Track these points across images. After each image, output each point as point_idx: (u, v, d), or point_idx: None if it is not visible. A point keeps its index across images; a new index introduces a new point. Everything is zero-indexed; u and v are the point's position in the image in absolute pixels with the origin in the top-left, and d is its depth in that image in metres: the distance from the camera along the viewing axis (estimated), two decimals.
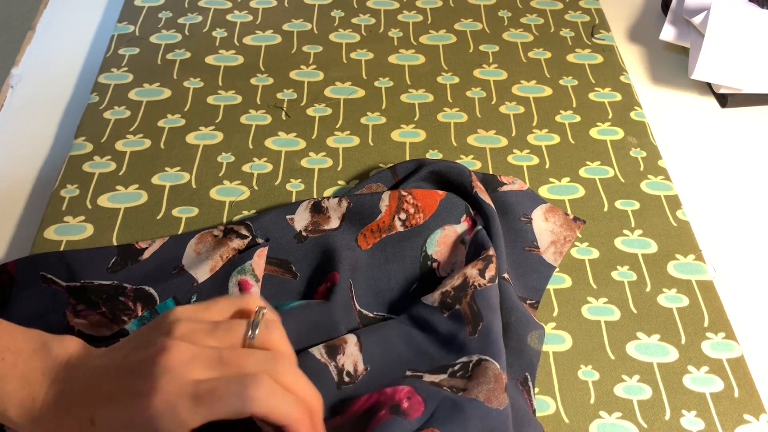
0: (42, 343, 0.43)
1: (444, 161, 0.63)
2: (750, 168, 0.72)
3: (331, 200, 0.60)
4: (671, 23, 0.81)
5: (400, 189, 0.61)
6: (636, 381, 0.54)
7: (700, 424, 0.51)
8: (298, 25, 0.85)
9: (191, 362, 0.38)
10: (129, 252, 0.59)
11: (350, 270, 0.57)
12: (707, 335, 0.56)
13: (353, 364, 0.50)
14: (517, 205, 0.62)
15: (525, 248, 0.60)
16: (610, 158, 0.70)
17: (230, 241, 0.58)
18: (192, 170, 0.68)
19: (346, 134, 0.72)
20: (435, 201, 0.60)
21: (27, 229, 0.64)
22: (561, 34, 0.84)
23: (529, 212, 0.62)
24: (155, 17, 0.85)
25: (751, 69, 0.75)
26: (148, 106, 0.74)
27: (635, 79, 0.81)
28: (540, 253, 0.60)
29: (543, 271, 0.59)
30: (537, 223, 0.62)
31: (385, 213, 0.59)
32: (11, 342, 0.42)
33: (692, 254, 0.62)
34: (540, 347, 0.54)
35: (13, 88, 0.79)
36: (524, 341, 0.53)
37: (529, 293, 0.58)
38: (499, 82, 0.78)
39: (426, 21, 0.86)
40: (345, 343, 0.51)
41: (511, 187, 0.63)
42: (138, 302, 0.54)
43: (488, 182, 0.63)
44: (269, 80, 0.78)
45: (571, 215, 0.63)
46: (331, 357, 0.50)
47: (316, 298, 0.57)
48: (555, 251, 0.60)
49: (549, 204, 0.63)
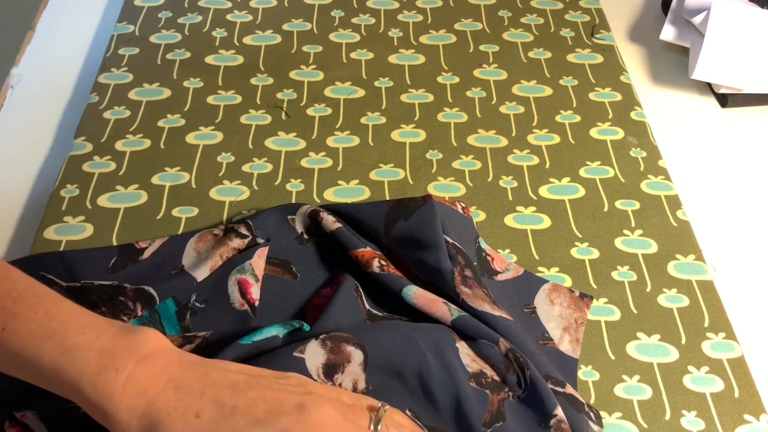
0: (125, 327, 0.42)
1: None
2: (750, 168, 0.72)
3: (328, 217, 0.59)
4: (671, 23, 0.81)
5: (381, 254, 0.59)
6: (636, 381, 0.54)
7: (701, 424, 0.51)
8: (298, 24, 0.85)
9: (332, 427, 0.39)
10: (129, 252, 0.59)
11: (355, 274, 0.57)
12: (707, 335, 0.56)
13: (353, 382, 0.49)
14: (516, 297, 0.58)
15: (538, 342, 0.56)
16: (611, 158, 0.70)
17: (230, 240, 0.58)
18: (192, 170, 0.68)
19: (346, 134, 0.72)
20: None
21: (27, 229, 0.64)
22: (561, 34, 0.84)
23: (531, 300, 0.58)
24: (155, 17, 0.85)
25: (751, 69, 0.74)
26: (148, 106, 0.74)
27: (635, 79, 0.81)
28: (555, 346, 0.55)
29: (566, 365, 0.54)
30: (542, 309, 0.58)
31: (367, 249, 0.58)
32: (93, 321, 0.41)
33: (692, 254, 0.62)
34: None
35: (13, 88, 0.79)
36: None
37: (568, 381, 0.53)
38: (499, 82, 0.78)
39: (426, 21, 0.86)
40: (348, 362, 0.49)
41: (506, 276, 0.59)
42: (138, 302, 0.54)
43: (481, 265, 0.60)
44: (269, 80, 0.78)
45: (576, 292, 0.59)
46: (327, 377, 0.49)
47: (317, 299, 0.57)
48: (570, 339, 0.56)
49: (551, 283, 0.59)
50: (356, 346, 0.50)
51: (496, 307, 0.54)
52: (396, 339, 0.50)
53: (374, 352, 0.50)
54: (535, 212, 0.65)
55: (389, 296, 0.56)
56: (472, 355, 0.52)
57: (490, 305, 0.54)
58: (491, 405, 0.49)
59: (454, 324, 0.53)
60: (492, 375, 0.51)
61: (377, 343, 0.50)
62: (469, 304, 0.53)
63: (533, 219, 0.64)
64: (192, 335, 0.52)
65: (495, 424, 0.48)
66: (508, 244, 0.62)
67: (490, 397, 0.49)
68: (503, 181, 0.68)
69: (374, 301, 0.57)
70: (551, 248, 0.62)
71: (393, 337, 0.50)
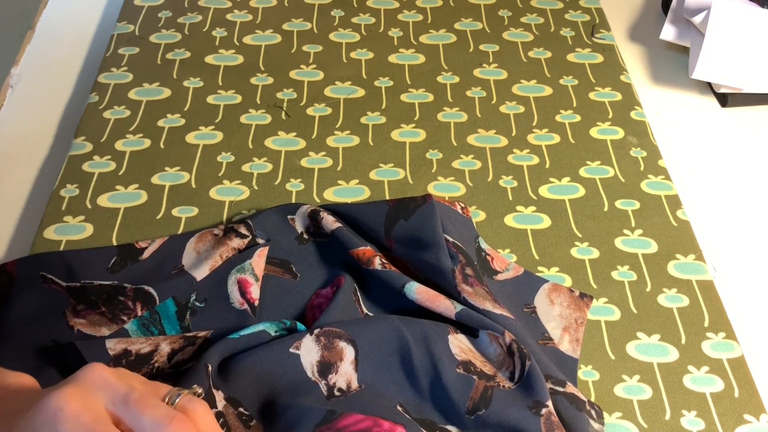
0: None
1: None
2: (750, 168, 0.72)
3: (328, 217, 0.59)
4: (671, 23, 0.81)
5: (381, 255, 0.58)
6: (636, 381, 0.54)
7: (701, 424, 0.51)
8: (298, 24, 0.85)
9: (101, 388, 0.38)
10: (129, 252, 0.59)
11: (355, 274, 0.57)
12: (707, 335, 0.56)
13: (346, 382, 0.50)
14: (516, 296, 0.58)
15: (538, 342, 0.55)
16: (611, 158, 0.70)
17: (230, 240, 0.58)
18: (192, 170, 0.68)
19: (346, 134, 0.72)
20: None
21: (27, 229, 0.64)
22: (561, 34, 0.84)
23: (531, 300, 0.58)
24: (155, 17, 0.85)
25: (751, 68, 0.74)
26: (147, 105, 0.74)
27: (635, 79, 0.81)
28: (555, 345, 0.55)
29: (566, 365, 0.54)
30: (542, 309, 0.57)
31: (368, 248, 0.58)
32: None
33: (692, 254, 0.62)
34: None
35: (13, 87, 0.79)
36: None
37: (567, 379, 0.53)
38: (499, 82, 0.78)
39: (426, 20, 0.86)
40: (340, 361, 0.50)
41: (506, 275, 0.59)
42: (138, 302, 0.54)
43: (481, 264, 0.59)
44: (269, 80, 0.78)
45: (576, 292, 0.58)
46: (322, 376, 0.49)
47: (317, 299, 0.57)
48: (570, 339, 0.56)
49: (551, 282, 0.59)
50: (348, 341, 0.51)
51: (497, 306, 0.54)
52: (383, 331, 0.51)
53: (364, 346, 0.51)
54: (535, 212, 0.65)
55: (391, 294, 0.56)
56: (465, 347, 0.52)
57: (492, 303, 0.54)
58: (475, 391, 0.49)
59: (459, 317, 0.53)
60: (482, 367, 0.51)
61: (367, 337, 0.51)
62: (470, 303, 0.54)
63: (533, 219, 0.64)
64: (193, 336, 0.52)
65: (477, 411, 0.48)
66: (508, 244, 0.62)
67: (476, 382, 0.49)
68: (503, 180, 0.68)
69: (375, 300, 0.57)
70: (551, 248, 0.62)
71: (381, 330, 0.51)
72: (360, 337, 0.51)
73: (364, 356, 0.51)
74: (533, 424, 0.47)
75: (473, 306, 0.53)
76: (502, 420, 0.48)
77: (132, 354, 0.50)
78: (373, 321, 0.52)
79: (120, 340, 0.51)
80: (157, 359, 0.50)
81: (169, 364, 0.51)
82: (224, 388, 0.49)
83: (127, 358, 0.50)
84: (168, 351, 0.51)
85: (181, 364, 0.51)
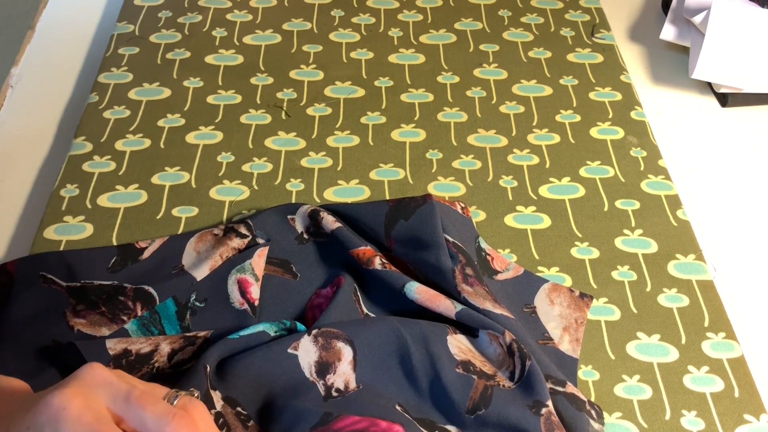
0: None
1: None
2: (750, 168, 0.72)
3: (328, 216, 0.59)
4: (671, 22, 0.81)
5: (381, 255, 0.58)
6: (636, 381, 0.54)
7: (701, 424, 0.51)
8: (298, 24, 0.85)
9: (102, 386, 0.38)
10: (129, 252, 0.59)
11: (355, 274, 0.57)
12: (707, 335, 0.56)
13: (344, 382, 0.50)
14: (516, 296, 0.58)
15: (538, 342, 0.55)
16: (611, 158, 0.70)
17: (230, 240, 0.58)
18: (192, 170, 0.68)
19: (346, 134, 0.72)
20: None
21: (27, 229, 0.64)
22: (561, 34, 0.84)
23: (531, 300, 0.58)
24: (155, 17, 0.85)
25: (751, 68, 0.74)
26: (147, 105, 0.74)
27: (635, 79, 0.81)
28: (556, 345, 0.55)
29: (566, 365, 0.54)
30: (542, 309, 0.57)
31: (368, 248, 0.58)
32: None
33: (692, 254, 0.62)
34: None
35: (13, 87, 0.79)
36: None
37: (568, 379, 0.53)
38: (499, 82, 0.78)
39: (426, 20, 0.86)
40: (338, 361, 0.50)
41: (506, 275, 0.59)
42: (138, 302, 0.54)
43: (481, 264, 0.59)
44: (269, 80, 0.78)
45: (576, 292, 0.58)
46: (320, 376, 0.49)
47: (317, 299, 0.57)
48: (570, 339, 0.56)
49: (551, 282, 0.59)
50: (346, 342, 0.51)
51: (497, 306, 0.54)
52: (382, 332, 0.51)
53: (362, 346, 0.51)
54: (535, 212, 0.65)
55: (391, 294, 0.56)
56: (464, 347, 0.52)
57: (492, 303, 0.54)
58: (475, 390, 0.49)
59: (459, 317, 0.53)
60: (482, 366, 0.51)
61: (365, 337, 0.51)
62: (470, 302, 0.54)
63: (533, 219, 0.64)
64: (193, 336, 0.52)
65: (477, 411, 0.48)
66: (508, 244, 0.62)
67: (475, 381, 0.49)
68: (503, 180, 0.68)
69: (375, 300, 0.57)
70: (551, 248, 0.62)
71: (379, 331, 0.51)
72: (358, 338, 0.51)
73: (362, 356, 0.51)
74: (533, 424, 0.47)
75: (473, 306, 0.53)
76: (502, 419, 0.48)
77: (132, 354, 0.50)
78: (371, 321, 0.52)
79: (120, 339, 0.51)
80: (157, 359, 0.50)
81: (169, 364, 0.51)
82: (222, 388, 0.49)
83: (127, 357, 0.50)
84: (168, 351, 0.51)
85: (181, 364, 0.51)
